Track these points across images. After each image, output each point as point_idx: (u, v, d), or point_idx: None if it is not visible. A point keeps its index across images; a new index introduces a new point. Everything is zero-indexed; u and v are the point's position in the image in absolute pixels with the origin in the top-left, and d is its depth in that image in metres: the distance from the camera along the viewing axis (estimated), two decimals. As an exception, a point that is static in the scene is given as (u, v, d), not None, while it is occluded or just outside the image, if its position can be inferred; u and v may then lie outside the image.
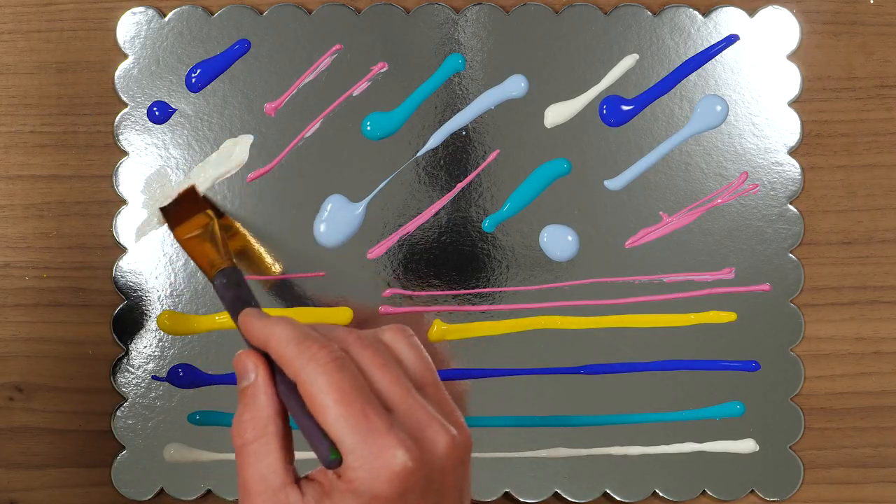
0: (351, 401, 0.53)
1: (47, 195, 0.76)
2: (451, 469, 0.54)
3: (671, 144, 0.76)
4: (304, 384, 0.53)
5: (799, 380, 0.76)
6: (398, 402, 0.54)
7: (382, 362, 0.55)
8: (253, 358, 0.57)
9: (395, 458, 0.52)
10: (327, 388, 0.53)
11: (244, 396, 0.57)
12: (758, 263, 0.76)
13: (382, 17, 0.75)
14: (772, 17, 0.76)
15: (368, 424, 0.52)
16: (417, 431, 0.53)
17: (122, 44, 0.75)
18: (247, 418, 0.56)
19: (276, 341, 0.55)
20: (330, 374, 0.53)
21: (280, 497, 0.54)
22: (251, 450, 0.55)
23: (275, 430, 0.56)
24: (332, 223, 0.75)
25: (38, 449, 0.76)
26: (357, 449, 0.52)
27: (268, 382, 0.56)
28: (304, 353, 0.54)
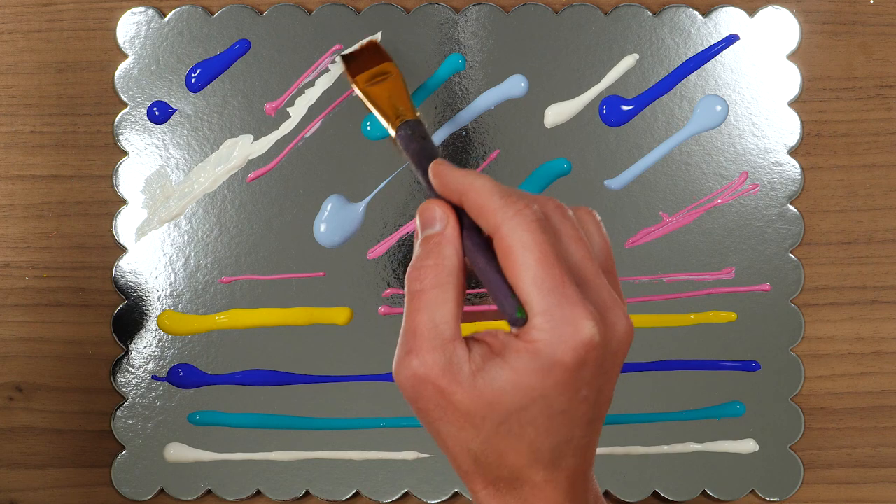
0: (551, 263, 0.51)
1: (47, 195, 0.76)
2: (621, 354, 0.54)
3: (671, 144, 0.76)
4: (504, 238, 0.52)
5: (799, 380, 0.76)
6: (589, 278, 0.53)
7: (579, 237, 0.54)
8: (443, 207, 0.55)
9: (586, 328, 0.51)
10: (530, 245, 0.52)
11: (428, 244, 0.55)
12: (758, 263, 0.76)
13: (382, 17, 0.75)
14: (772, 17, 0.76)
15: (564, 291, 0.51)
16: (604, 311, 0.53)
17: (122, 44, 0.75)
18: (430, 264, 0.54)
19: (478, 191, 0.54)
20: (534, 233, 0.52)
21: (448, 348, 0.53)
22: (430, 296, 0.54)
23: (456, 281, 0.54)
24: (332, 223, 0.75)
25: (38, 449, 0.76)
26: (549, 311, 0.51)
27: (457, 233, 0.55)
28: (509, 207, 0.52)
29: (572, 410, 0.52)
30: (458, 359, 0.53)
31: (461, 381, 0.52)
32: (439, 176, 0.56)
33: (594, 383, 0.53)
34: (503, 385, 0.52)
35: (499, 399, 0.52)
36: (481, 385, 0.52)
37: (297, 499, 0.76)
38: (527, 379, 0.51)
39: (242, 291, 0.75)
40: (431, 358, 0.53)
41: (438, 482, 0.76)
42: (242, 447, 0.75)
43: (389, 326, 0.75)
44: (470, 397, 0.52)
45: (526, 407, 0.52)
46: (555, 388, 0.52)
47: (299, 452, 0.76)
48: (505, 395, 0.52)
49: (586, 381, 0.52)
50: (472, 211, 0.54)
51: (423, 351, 0.53)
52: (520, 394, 0.52)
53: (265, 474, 0.76)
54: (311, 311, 0.75)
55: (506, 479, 0.53)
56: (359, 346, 0.75)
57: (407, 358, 0.53)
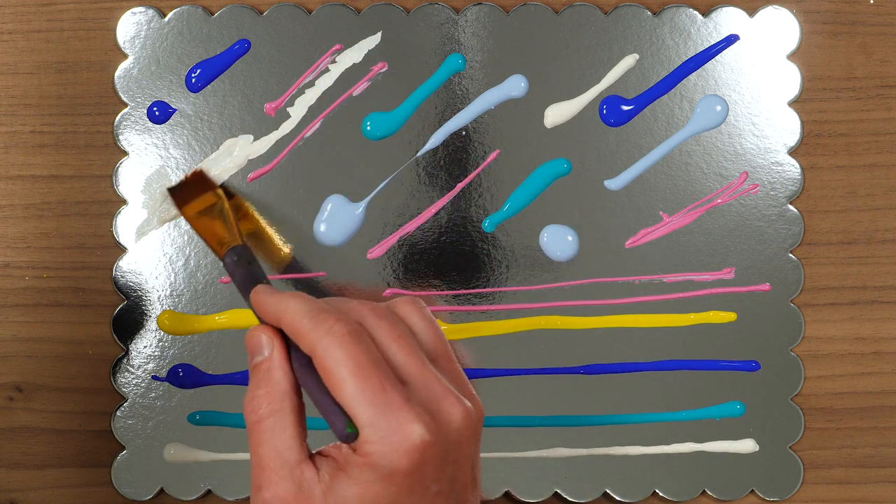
0: (368, 374, 0.52)
1: (47, 195, 0.76)
2: (465, 441, 0.54)
3: (671, 144, 0.76)
4: (320, 358, 0.53)
5: (799, 380, 0.76)
6: (414, 374, 0.54)
7: (398, 334, 0.55)
8: (267, 332, 0.56)
9: (413, 431, 0.52)
10: (344, 361, 0.52)
11: (258, 371, 0.56)
12: (758, 263, 0.76)
13: (382, 17, 0.75)
14: (772, 17, 0.76)
15: (386, 398, 0.52)
16: (433, 404, 0.53)
17: (122, 44, 0.75)
18: (261, 393, 0.55)
19: (291, 315, 0.55)
20: (346, 347, 0.53)
21: (296, 473, 0.53)
22: (266, 426, 0.55)
23: (290, 405, 0.55)
24: (332, 223, 0.75)
25: (38, 449, 0.76)
26: (374, 423, 0.52)
27: (283, 357, 0.56)
28: (319, 327, 0.53)
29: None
30: (307, 482, 0.53)
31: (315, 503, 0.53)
32: (257, 305, 0.58)
33: (443, 476, 0.53)
34: (352, 500, 0.52)
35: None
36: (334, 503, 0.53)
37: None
38: (372, 491, 0.52)
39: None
40: (282, 488, 0.53)
41: (438, 482, 0.76)
42: (242, 447, 0.75)
43: (389, 326, 0.75)
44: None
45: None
46: (402, 494, 0.52)
47: (301, 449, 0.75)
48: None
49: (433, 478, 0.53)
50: (291, 335, 0.55)
51: (272, 483, 0.54)
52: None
53: (265, 474, 0.75)
54: (311, 311, 0.75)
55: None
56: (359, 346, 0.75)
57: (259, 493, 0.54)
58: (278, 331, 0.56)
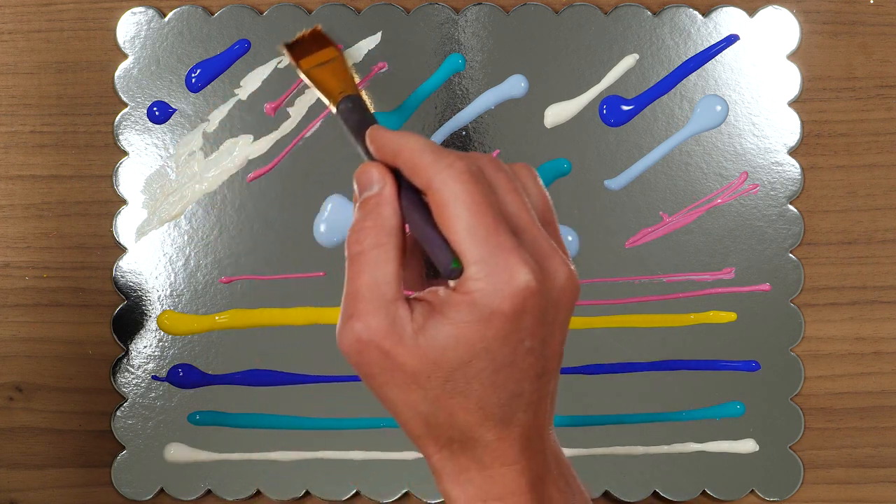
0: (483, 212, 0.51)
1: (47, 195, 0.76)
2: (565, 304, 0.53)
3: (671, 144, 0.76)
4: (436, 191, 0.52)
5: (799, 380, 0.76)
6: (525, 228, 0.53)
7: (514, 188, 0.54)
8: (380, 168, 0.55)
9: (521, 274, 0.51)
10: (461, 196, 0.51)
11: (367, 205, 0.54)
12: (758, 263, 0.76)
13: (382, 17, 0.75)
14: (772, 17, 0.76)
15: (498, 239, 0.51)
16: (542, 259, 0.52)
17: (122, 44, 0.75)
18: (369, 225, 0.54)
19: (411, 149, 0.53)
20: (465, 184, 0.52)
21: (391, 309, 0.52)
22: (370, 257, 0.53)
23: (395, 242, 0.53)
24: (332, 223, 0.75)
25: (38, 449, 0.76)
26: (483, 260, 0.51)
27: (394, 194, 0.54)
28: (440, 161, 0.52)
29: (518, 363, 0.52)
30: (400, 319, 0.52)
31: (405, 342, 0.52)
32: (375, 140, 0.56)
33: (537, 333, 0.52)
34: (445, 341, 0.51)
35: (442, 356, 0.51)
36: (424, 343, 0.51)
37: (297, 499, 0.76)
38: (467, 332, 0.51)
39: (242, 291, 0.75)
40: (375, 321, 0.52)
41: (438, 482, 0.75)
42: (242, 447, 0.75)
43: (389, 326, 0.75)
44: (414, 357, 0.51)
45: (469, 362, 0.51)
46: (496, 340, 0.51)
47: (299, 452, 0.76)
48: (447, 350, 0.51)
49: (529, 331, 0.52)
50: (407, 170, 0.54)
51: (365, 314, 0.52)
52: (462, 348, 0.51)
53: (265, 474, 0.75)
54: (311, 311, 0.75)
55: (458, 440, 0.53)
56: (359, 346, 0.75)
57: (349, 322, 0.53)
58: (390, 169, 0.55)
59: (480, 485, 0.53)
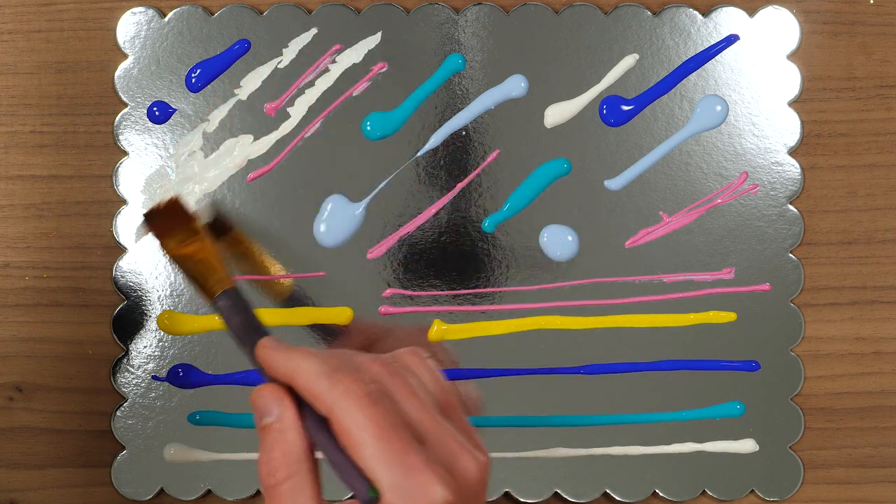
0: (388, 437, 0.52)
1: (47, 195, 0.76)
2: (481, 492, 0.54)
3: (671, 144, 0.76)
4: (338, 420, 0.52)
5: (799, 380, 0.76)
6: (430, 432, 0.53)
7: (410, 391, 0.54)
8: (276, 393, 0.55)
9: (437, 493, 0.51)
10: (364, 424, 0.52)
11: (270, 433, 0.54)
12: (758, 263, 0.76)
13: (382, 17, 0.75)
14: (772, 17, 0.76)
15: (408, 461, 0.52)
16: (451, 461, 0.53)
17: (122, 44, 0.75)
18: (277, 456, 0.54)
19: (305, 376, 0.53)
20: (365, 409, 0.52)
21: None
22: (285, 489, 0.54)
23: (307, 467, 0.54)
24: (332, 223, 0.75)
25: (38, 449, 0.76)
26: (397, 486, 0.51)
27: (296, 418, 0.54)
28: (335, 388, 0.52)
29: None
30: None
31: None
32: (265, 362, 0.56)
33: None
34: None
35: None
36: None
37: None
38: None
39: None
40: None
41: (438, 482, 0.75)
42: (242, 447, 0.75)
43: (389, 326, 0.75)
44: None
45: None
46: None
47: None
48: None
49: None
50: (305, 395, 0.54)
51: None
52: None
53: (265, 474, 0.75)
54: (311, 311, 0.75)
55: None
56: (359, 347, 0.75)
57: None
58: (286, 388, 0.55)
59: None
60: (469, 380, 0.75)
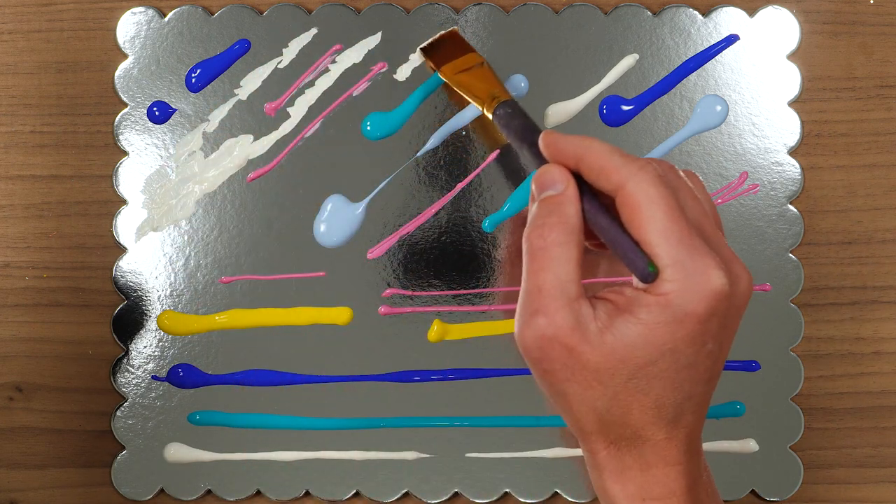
0: (677, 216, 0.52)
1: (47, 195, 0.76)
2: (742, 309, 0.54)
3: (671, 144, 0.76)
4: (629, 194, 0.52)
5: (799, 380, 0.76)
6: (709, 233, 0.54)
7: (693, 195, 0.54)
8: (561, 170, 0.55)
9: (717, 277, 0.51)
10: (656, 199, 0.52)
11: (549, 204, 0.54)
12: (758, 263, 0.76)
13: (382, 17, 0.75)
14: (772, 17, 0.76)
15: (692, 241, 0.51)
16: (728, 262, 0.53)
17: (122, 44, 0.75)
18: (553, 221, 0.54)
19: (597, 153, 0.54)
20: (658, 187, 0.52)
21: (575, 306, 0.52)
22: (554, 253, 0.53)
23: (578, 240, 0.53)
24: (332, 223, 0.75)
25: (38, 449, 0.76)
26: (679, 262, 0.51)
27: (577, 194, 0.54)
28: (630, 165, 0.53)
29: (697, 364, 0.52)
30: (584, 317, 0.52)
31: (590, 339, 0.52)
32: (553, 144, 0.56)
33: (718, 336, 0.53)
34: (634, 340, 0.52)
35: (629, 354, 0.52)
36: (611, 341, 0.52)
37: (297, 499, 0.76)
38: (658, 332, 0.51)
39: (242, 291, 0.75)
40: (560, 317, 0.52)
41: (438, 482, 0.76)
42: (242, 447, 0.75)
43: (390, 326, 0.75)
44: (600, 354, 0.52)
45: (655, 361, 0.52)
46: (684, 341, 0.52)
47: (299, 452, 0.76)
48: (636, 349, 0.52)
49: (712, 334, 0.52)
50: (592, 172, 0.54)
51: (550, 311, 0.52)
52: (650, 347, 0.52)
53: (265, 474, 0.76)
54: (311, 311, 0.75)
55: (628, 437, 0.53)
56: (359, 346, 0.75)
57: (534, 318, 0.53)
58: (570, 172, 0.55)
59: (641, 484, 0.54)
60: (470, 380, 0.75)
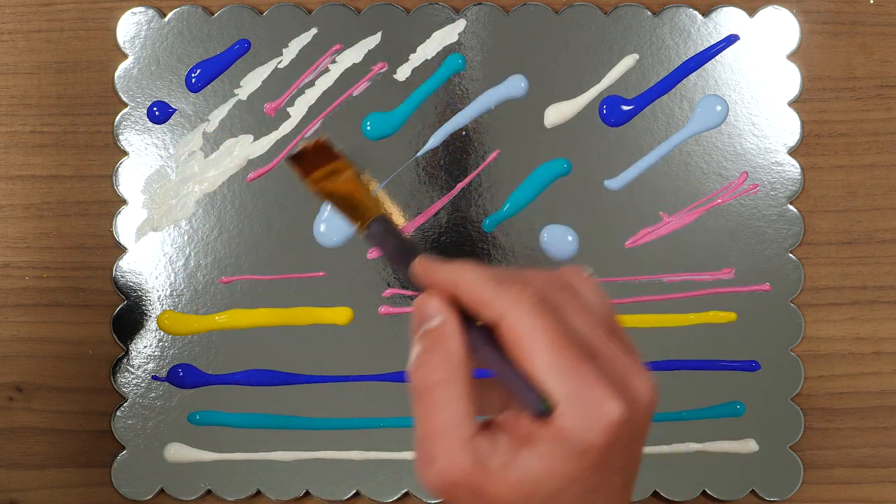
0: (562, 344, 0.50)
1: (47, 195, 0.76)
2: (649, 416, 0.53)
3: (671, 144, 0.76)
4: (509, 327, 0.50)
5: (799, 380, 0.76)
6: (600, 348, 0.51)
7: (579, 305, 0.52)
8: (439, 299, 0.53)
9: (611, 408, 0.50)
10: (537, 332, 0.50)
11: (430, 338, 0.52)
12: (758, 263, 0.76)
13: (382, 17, 0.75)
14: (772, 17, 0.76)
15: (581, 370, 0.50)
16: (624, 380, 0.51)
17: (122, 44, 0.75)
18: (436, 359, 0.51)
19: (470, 283, 0.52)
20: (537, 317, 0.50)
21: (471, 446, 0.51)
22: (439, 394, 0.51)
23: (465, 375, 0.51)
24: (332, 223, 0.75)
25: (38, 449, 0.76)
26: (571, 396, 0.50)
27: (458, 325, 0.52)
28: (505, 294, 0.50)
29: (608, 482, 0.52)
30: (484, 454, 0.51)
31: (494, 477, 0.51)
32: (425, 274, 0.54)
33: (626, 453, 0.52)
34: (538, 474, 0.50)
35: (537, 487, 0.51)
36: (516, 476, 0.51)
37: (297, 499, 0.76)
38: (561, 466, 0.50)
39: (242, 291, 0.75)
40: (460, 460, 0.51)
41: (438, 482, 0.75)
42: (242, 447, 0.75)
43: (390, 326, 0.75)
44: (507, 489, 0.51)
45: (563, 490, 0.51)
46: (589, 469, 0.51)
47: (299, 452, 0.76)
48: (542, 483, 0.51)
49: (619, 454, 0.52)
50: (468, 303, 0.52)
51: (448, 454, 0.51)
52: (556, 479, 0.51)
53: (265, 474, 0.76)
54: (311, 311, 0.75)
55: None
56: (359, 346, 0.75)
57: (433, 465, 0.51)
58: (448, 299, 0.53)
59: None
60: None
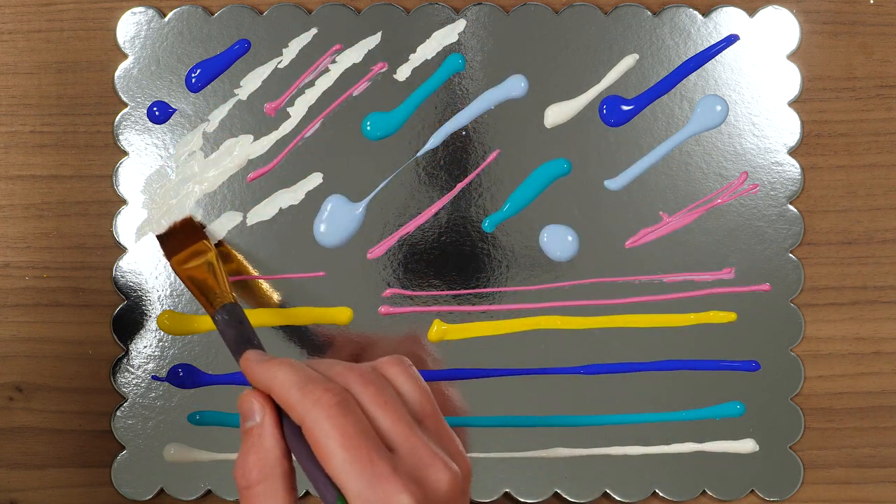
0: (356, 445, 0.53)
1: (47, 195, 0.76)
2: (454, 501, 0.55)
3: (671, 144, 0.76)
4: (309, 430, 0.54)
5: (799, 380, 0.76)
6: (401, 441, 0.55)
7: (384, 400, 0.55)
8: (258, 398, 0.57)
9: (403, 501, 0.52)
10: (332, 433, 0.53)
11: (249, 437, 0.57)
12: (758, 263, 0.76)
13: (382, 17, 0.75)
14: (772, 17, 0.76)
15: (373, 469, 0.53)
16: (421, 471, 0.54)
17: (122, 44, 0.75)
18: (252, 459, 0.56)
19: (280, 386, 0.56)
20: (334, 419, 0.53)
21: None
22: (257, 492, 0.56)
23: (281, 471, 0.56)
24: (332, 223, 0.75)
25: (38, 449, 0.76)
26: (363, 494, 0.53)
27: (274, 424, 0.57)
28: (307, 398, 0.54)
29: None
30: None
31: None
32: (248, 371, 0.59)
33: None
34: None
35: None
36: None
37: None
38: None
39: (243, 291, 0.75)
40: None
41: (438, 482, 0.75)
42: (242, 447, 0.75)
43: (390, 326, 0.75)
44: None
45: None
46: None
47: (299, 452, 0.75)
48: None
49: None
50: (281, 405, 0.56)
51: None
52: None
53: (265, 474, 0.75)
54: (311, 311, 0.75)
55: None
56: (359, 346, 0.75)
57: None
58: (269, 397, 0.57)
59: None
60: (467, 380, 0.75)
